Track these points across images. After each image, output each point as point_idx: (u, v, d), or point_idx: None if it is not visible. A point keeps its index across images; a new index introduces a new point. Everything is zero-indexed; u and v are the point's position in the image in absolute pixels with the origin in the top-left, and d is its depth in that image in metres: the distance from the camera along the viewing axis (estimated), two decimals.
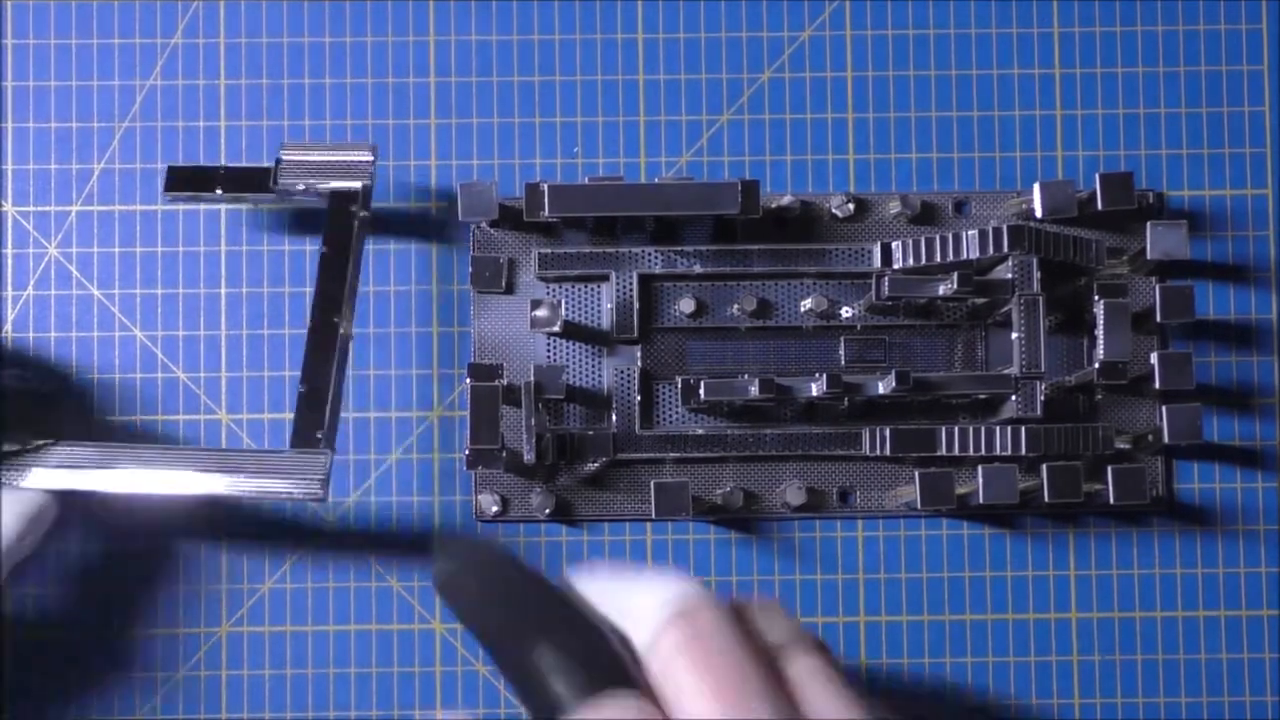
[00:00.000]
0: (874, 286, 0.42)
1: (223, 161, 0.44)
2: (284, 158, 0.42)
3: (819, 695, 0.29)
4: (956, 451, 0.41)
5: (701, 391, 0.42)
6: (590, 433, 0.42)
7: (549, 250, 0.43)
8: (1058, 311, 0.44)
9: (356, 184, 0.42)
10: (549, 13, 0.45)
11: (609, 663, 0.29)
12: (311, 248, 0.44)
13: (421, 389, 0.44)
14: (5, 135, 0.44)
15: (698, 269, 0.43)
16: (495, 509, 0.43)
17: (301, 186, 0.42)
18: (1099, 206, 0.42)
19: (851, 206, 0.44)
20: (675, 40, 0.45)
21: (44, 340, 0.44)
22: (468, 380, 0.41)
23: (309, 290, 0.44)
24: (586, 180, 0.41)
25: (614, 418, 0.43)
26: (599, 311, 0.44)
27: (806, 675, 0.29)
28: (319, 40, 0.45)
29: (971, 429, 0.41)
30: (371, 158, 0.42)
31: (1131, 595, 0.44)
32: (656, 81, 0.45)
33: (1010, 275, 0.41)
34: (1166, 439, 0.42)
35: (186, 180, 0.42)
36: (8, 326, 0.44)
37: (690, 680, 0.28)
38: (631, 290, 0.43)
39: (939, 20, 0.45)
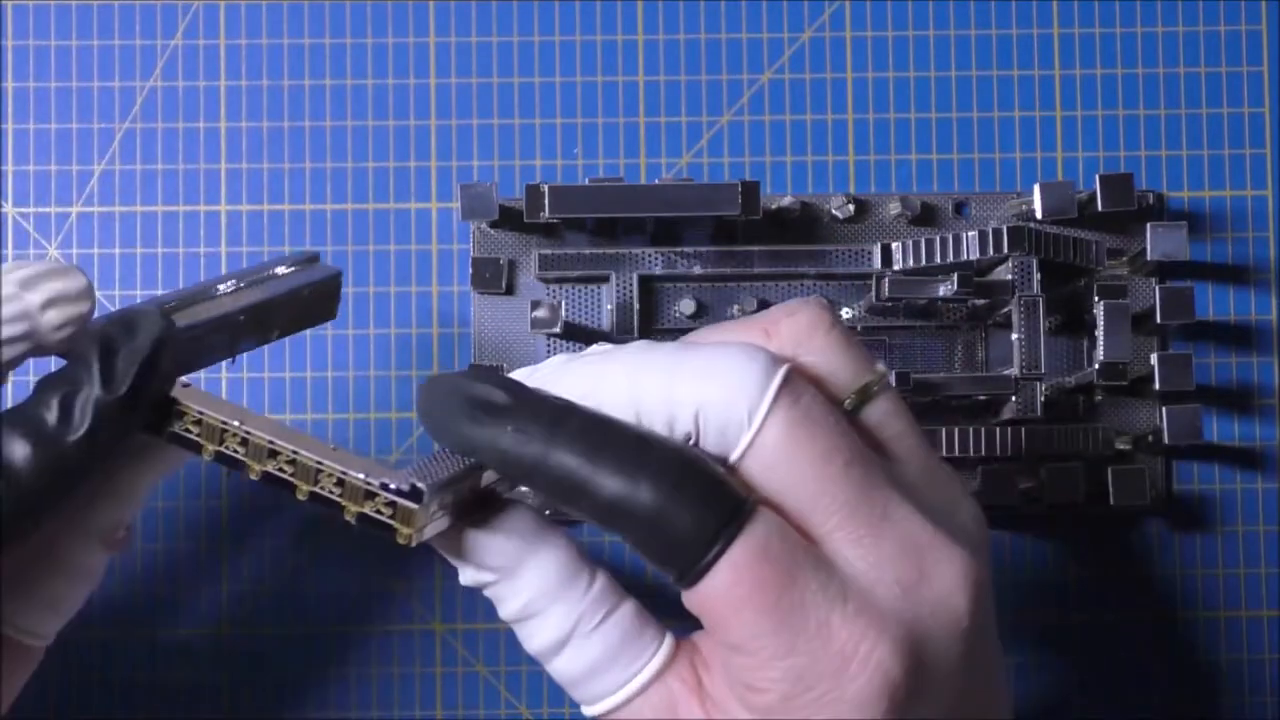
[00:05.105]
0: (874, 287, 0.41)
1: (223, 163, 0.44)
2: None
3: (901, 441, 0.30)
4: (957, 452, 0.41)
5: None
6: None
7: (549, 251, 0.43)
8: (1058, 312, 0.44)
9: None
10: (549, 13, 0.45)
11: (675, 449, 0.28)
12: (310, 248, 0.44)
13: None
14: (5, 136, 0.44)
15: (698, 270, 0.43)
16: None
17: None
18: (1099, 207, 0.42)
19: (852, 207, 0.44)
20: (675, 41, 0.45)
21: None
22: None
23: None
24: (587, 181, 0.41)
25: None
26: (599, 312, 0.44)
27: (884, 417, 0.30)
28: (319, 42, 0.45)
29: (972, 430, 0.41)
30: None
31: (1131, 596, 0.44)
32: (656, 83, 0.45)
33: (1010, 276, 0.41)
34: (1166, 439, 0.42)
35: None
36: None
37: (807, 455, 0.28)
38: (632, 291, 0.43)
39: (939, 22, 0.45)
